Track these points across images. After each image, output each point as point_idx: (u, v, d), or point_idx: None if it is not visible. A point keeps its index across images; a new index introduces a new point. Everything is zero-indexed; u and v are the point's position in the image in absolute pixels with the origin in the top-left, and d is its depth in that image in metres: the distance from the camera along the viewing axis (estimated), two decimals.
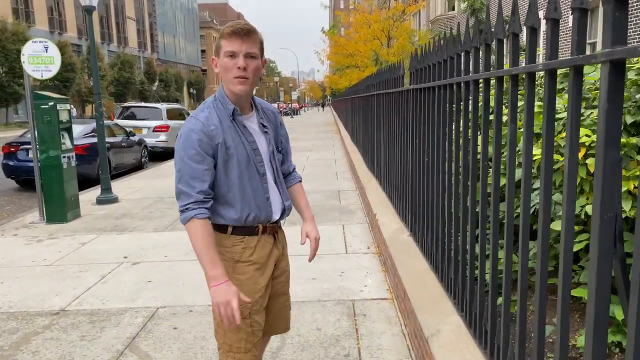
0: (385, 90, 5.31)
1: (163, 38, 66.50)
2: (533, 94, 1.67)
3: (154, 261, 4.91)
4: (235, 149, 1.83)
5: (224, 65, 1.79)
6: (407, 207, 4.03)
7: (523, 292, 1.67)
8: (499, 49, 1.77)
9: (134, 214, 7.06)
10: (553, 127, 1.48)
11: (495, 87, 1.98)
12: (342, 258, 4.77)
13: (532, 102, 1.68)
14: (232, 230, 1.91)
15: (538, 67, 1.43)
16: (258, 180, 1.90)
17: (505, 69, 1.74)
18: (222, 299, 1.74)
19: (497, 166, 1.85)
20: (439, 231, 2.94)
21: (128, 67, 44.57)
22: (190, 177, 1.78)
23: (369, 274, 4.34)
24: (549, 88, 1.49)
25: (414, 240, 3.67)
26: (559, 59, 1.32)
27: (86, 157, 9.84)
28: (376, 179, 6.50)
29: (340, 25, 32.73)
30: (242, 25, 1.76)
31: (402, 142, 4.22)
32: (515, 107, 1.66)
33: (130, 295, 4.05)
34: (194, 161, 1.78)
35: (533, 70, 1.50)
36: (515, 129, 1.73)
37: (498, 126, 1.98)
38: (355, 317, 3.49)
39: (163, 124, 14.64)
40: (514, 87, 1.76)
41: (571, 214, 1.37)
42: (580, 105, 1.27)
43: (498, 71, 1.78)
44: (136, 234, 5.97)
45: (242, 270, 1.92)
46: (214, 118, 1.82)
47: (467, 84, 2.29)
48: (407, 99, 4.00)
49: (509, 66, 1.66)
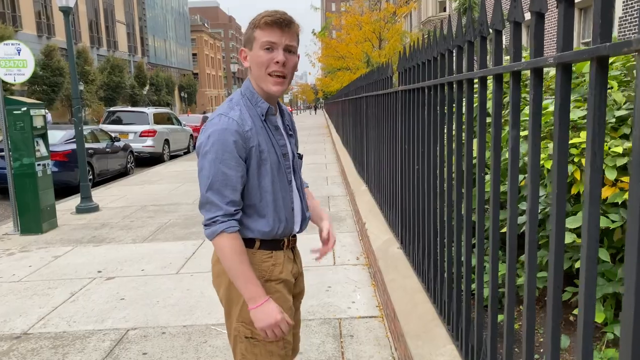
0: (374, 92, 5.04)
1: (154, 42, 66.01)
2: (540, 93, 1.41)
3: (129, 276, 4.60)
4: (269, 153, 1.62)
5: (257, 59, 1.56)
6: (397, 217, 3.76)
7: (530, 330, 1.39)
8: (497, 41, 1.50)
9: (113, 223, 6.75)
10: (567, 130, 1.22)
11: (493, 86, 1.72)
12: (330, 270, 4.49)
13: (540, 103, 1.42)
14: (259, 244, 1.68)
15: (547, 61, 1.16)
16: (286, 188, 1.70)
17: (504, 65, 1.47)
18: (267, 322, 1.56)
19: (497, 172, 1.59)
20: (431, 246, 2.67)
21: (118, 71, 44.04)
22: (222, 185, 1.55)
23: (357, 288, 4.06)
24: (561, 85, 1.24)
25: (405, 253, 3.40)
26: (576, 50, 1.05)
27: (67, 163, 9.51)
28: (366, 185, 6.24)
29: (331, 27, 32.51)
30: (282, 14, 1.54)
31: (391, 147, 3.96)
32: (518, 109, 1.40)
33: (100, 315, 3.75)
34: (227, 166, 1.54)
35: (540, 66, 1.23)
36: (518, 134, 1.47)
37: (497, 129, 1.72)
38: (341, 339, 3.21)
39: (150, 129, 14.31)
40: (515, 86, 1.51)
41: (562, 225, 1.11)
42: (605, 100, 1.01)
43: (496, 68, 1.51)
44: (114, 245, 5.66)
45: (273, 290, 1.69)
46: (247, 117, 1.59)
47: (460, 83, 2.02)
48: (395, 101, 3.73)
49: (510, 61, 1.39)
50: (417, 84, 2.85)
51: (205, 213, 1.58)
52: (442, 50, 2.24)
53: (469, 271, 2.01)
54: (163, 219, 6.93)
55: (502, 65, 1.44)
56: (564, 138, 1.23)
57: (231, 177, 1.55)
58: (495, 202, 1.63)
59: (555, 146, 1.29)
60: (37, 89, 34.56)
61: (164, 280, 4.46)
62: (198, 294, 4.08)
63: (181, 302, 3.93)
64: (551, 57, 1.12)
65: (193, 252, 5.24)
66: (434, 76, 2.48)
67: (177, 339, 3.32)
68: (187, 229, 6.29)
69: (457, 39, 1.94)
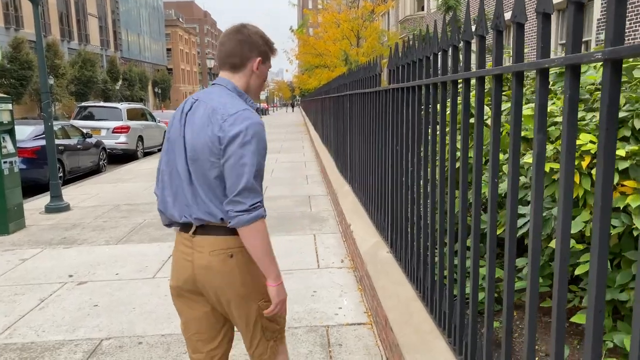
0: (359, 90, 4.90)
1: (127, 36, 64.65)
2: (546, 94, 1.29)
3: (103, 280, 4.37)
4: None
5: (263, 75, 1.85)
6: (386, 220, 3.63)
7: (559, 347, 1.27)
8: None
9: (85, 224, 6.46)
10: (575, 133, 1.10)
11: (492, 85, 1.59)
12: (314, 274, 4.34)
13: (545, 103, 1.30)
14: None
15: (553, 62, 1.03)
16: None
17: (529, 62, 1.34)
18: (283, 296, 1.80)
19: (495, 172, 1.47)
20: (427, 252, 2.54)
21: (90, 66, 42.93)
22: (260, 175, 1.70)
23: (344, 293, 3.92)
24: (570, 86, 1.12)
25: (395, 258, 3.26)
26: (587, 52, 0.92)
27: (36, 160, 9.13)
28: (349, 185, 6.10)
29: (308, 24, 32.31)
30: None
31: (380, 148, 3.82)
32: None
33: (72, 323, 3.51)
34: (263, 158, 1.71)
35: (544, 66, 1.11)
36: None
37: (496, 130, 1.60)
38: (330, 348, 3.06)
39: (123, 125, 13.91)
40: (518, 86, 1.39)
41: None
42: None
43: (518, 65, 1.38)
44: (86, 247, 5.40)
45: None
46: None
47: (467, 81, 1.89)
48: (385, 100, 3.60)
49: (537, 57, 1.26)
50: (411, 82, 2.72)
51: (249, 199, 1.65)
52: (445, 47, 2.10)
53: (476, 280, 1.88)
54: (138, 219, 6.66)
55: (526, 62, 1.30)
56: None
57: (263, 168, 1.71)
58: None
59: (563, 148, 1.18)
60: (5, 82, 33.41)
61: (140, 285, 4.24)
62: None
63: (159, 308, 3.73)
64: (599, 53, 0.99)
65: (169, 255, 5.02)
66: (433, 74, 2.34)
67: (155, 349, 3.12)
68: (163, 229, 6.05)
69: (465, 33, 1.80)
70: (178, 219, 1.78)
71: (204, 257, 1.75)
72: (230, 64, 1.80)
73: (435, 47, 2.24)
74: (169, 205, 1.80)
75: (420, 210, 2.73)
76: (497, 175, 1.60)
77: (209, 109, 1.71)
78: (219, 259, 1.74)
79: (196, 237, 1.76)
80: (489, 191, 1.69)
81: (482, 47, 1.65)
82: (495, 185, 1.66)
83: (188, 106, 1.79)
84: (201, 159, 1.69)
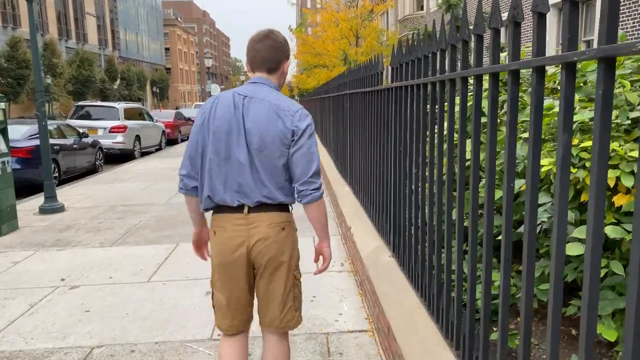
0: (360, 89, 4.78)
1: (125, 35, 64.42)
2: (573, 91, 1.17)
3: (96, 284, 4.24)
4: None
5: (286, 73, 2.16)
6: (387, 222, 3.51)
7: None
8: (514, 34, 1.24)
9: (80, 225, 6.33)
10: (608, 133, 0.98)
11: (509, 82, 1.48)
12: (313, 279, 4.21)
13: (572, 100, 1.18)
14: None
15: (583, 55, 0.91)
16: None
17: (551, 55, 1.22)
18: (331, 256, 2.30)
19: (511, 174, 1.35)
20: (432, 258, 2.42)
21: (87, 65, 42.70)
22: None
23: (344, 297, 3.80)
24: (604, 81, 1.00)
25: (398, 263, 3.14)
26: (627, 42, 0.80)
27: (31, 160, 8.99)
28: (349, 186, 5.97)
29: (307, 24, 32.18)
30: None
31: (381, 148, 3.70)
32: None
33: (62, 330, 3.39)
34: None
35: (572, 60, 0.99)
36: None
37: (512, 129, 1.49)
38: (330, 357, 2.94)
39: (120, 124, 13.77)
40: (539, 82, 1.27)
41: None
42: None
43: (540, 59, 1.26)
44: (79, 249, 5.27)
45: None
46: None
47: (479, 78, 1.77)
48: (387, 99, 3.48)
49: (563, 50, 1.14)
50: (416, 80, 2.60)
51: (318, 180, 2.05)
52: (454, 42, 1.98)
53: (489, 287, 1.76)
54: (133, 220, 6.54)
55: (550, 56, 1.18)
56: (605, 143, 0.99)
57: None
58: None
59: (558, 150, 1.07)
60: (2, 81, 33.20)
61: (134, 289, 4.11)
62: (171, 305, 3.75)
63: (153, 314, 3.60)
64: (590, 50, 0.87)
65: (166, 257, 4.89)
66: (440, 71, 2.22)
67: (148, 358, 3.00)
68: (159, 231, 5.92)
69: (476, 27, 1.68)
70: (231, 203, 2.00)
71: (262, 230, 2.01)
72: (267, 67, 2.07)
73: (442, 42, 2.12)
74: (219, 192, 2.01)
75: (425, 214, 2.61)
76: (513, 178, 1.48)
77: (272, 105, 1.98)
78: (275, 231, 2.04)
79: (251, 215, 2.01)
80: (505, 191, 1.58)
81: (496, 41, 1.53)
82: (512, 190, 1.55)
83: (239, 101, 2.00)
84: (270, 149, 1.96)
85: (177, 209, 7.10)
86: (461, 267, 2.08)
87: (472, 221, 1.90)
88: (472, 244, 1.91)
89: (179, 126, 20.61)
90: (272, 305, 2.11)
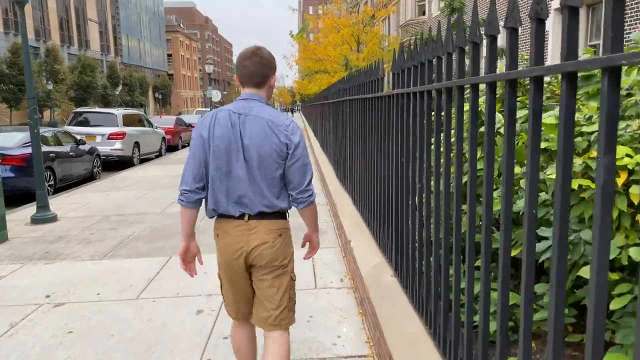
0: (360, 95, 4.57)
1: (127, 41, 64.51)
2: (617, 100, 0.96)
3: (82, 301, 4.02)
4: None
5: (273, 87, 2.31)
6: (389, 238, 3.29)
7: None
8: (537, 33, 1.03)
9: (71, 236, 6.12)
10: None
11: (531, 90, 1.26)
12: (311, 295, 3.99)
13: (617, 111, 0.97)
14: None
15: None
16: None
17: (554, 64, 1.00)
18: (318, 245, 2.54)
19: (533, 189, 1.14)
20: (440, 282, 2.20)
21: (89, 71, 42.66)
22: None
23: (343, 318, 3.57)
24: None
25: (400, 284, 2.92)
26: None
27: (26, 169, 8.79)
28: (349, 196, 5.76)
29: (309, 30, 32.06)
30: None
31: (382, 159, 3.48)
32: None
33: (41, 354, 3.17)
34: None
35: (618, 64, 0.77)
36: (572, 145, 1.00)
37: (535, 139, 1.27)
38: None
39: (119, 131, 13.59)
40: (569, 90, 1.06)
41: None
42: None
43: (569, 63, 1.04)
44: (68, 263, 5.06)
45: None
46: None
47: (492, 86, 1.55)
48: (389, 107, 3.26)
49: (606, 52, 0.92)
50: (420, 87, 2.39)
51: (310, 188, 2.23)
52: (462, 44, 1.77)
53: (505, 321, 1.54)
54: (127, 231, 6.32)
55: (587, 59, 0.97)
56: None
57: None
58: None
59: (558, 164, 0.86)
60: (4, 87, 33.16)
61: (122, 307, 3.89)
62: (159, 325, 3.53)
63: (140, 336, 3.38)
64: None
65: (157, 272, 4.68)
66: (446, 77, 2.01)
67: None
68: (153, 243, 5.71)
69: (489, 26, 1.47)
70: (234, 213, 2.17)
71: (259, 236, 2.17)
72: (255, 82, 2.21)
73: (449, 45, 1.90)
74: (222, 204, 2.18)
75: (430, 231, 2.39)
76: (536, 193, 1.26)
77: (266, 122, 2.13)
78: (272, 237, 2.19)
79: (251, 222, 2.18)
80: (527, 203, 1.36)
81: (514, 43, 1.32)
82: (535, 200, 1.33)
83: (236, 120, 2.14)
84: (267, 162, 2.13)
85: (172, 219, 6.89)
86: (471, 291, 1.86)
87: (485, 245, 1.68)
88: (485, 270, 1.69)
89: (179, 132, 20.42)
90: (267, 305, 2.24)
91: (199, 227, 6.27)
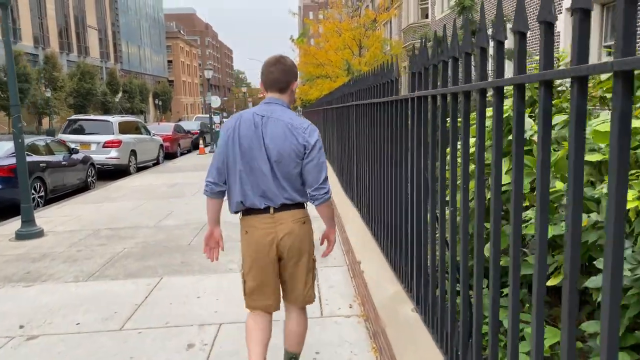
0: (368, 100, 4.13)
1: (127, 48, 64.25)
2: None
3: (59, 333, 3.58)
4: None
5: (295, 92, 2.57)
6: (407, 263, 2.84)
7: None
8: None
9: (56, 254, 5.68)
10: None
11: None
12: (317, 325, 3.53)
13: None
14: None
15: None
16: None
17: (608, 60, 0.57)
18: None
19: None
20: (480, 324, 1.75)
21: (89, 78, 42.32)
22: None
23: (354, 354, 3.10)
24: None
25: (424, 322, 2.47)
26: None
27: (14, 179, 8.30)
28: (356, 209, 5.31)
29: (309, 34, 31.72)
30: None
31: (398, 171, 3.04)
32: None
33: None
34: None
35: None
36: None
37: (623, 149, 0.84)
38: None
39: (114, 139, 13.18)
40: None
41: None
42: None
43: None
44: (49, 285, 4.61)
45: None
46: None
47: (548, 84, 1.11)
48: (404, 112, 2.83)
49: None
50: (451, 88, 1.95)
51: (326, 186, 2.42)
52: (501, 38, 1.33)
53: None
54: (117, 247, 5.88)
55: None
56: None
57: None
58: None
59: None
60: (1, 95, 32.78)
61: (103, 340, 3.45)
62: None
63: None
64: None
65: (146, 296, 4.23)
66: (481, 76, 1.57)
67: None
68: (144, 261, 5.26)
69: (543, 11, 1.03)
70: (259, 205, 2.37)
71: (287, 226, 2.39)
72: (278, 88, 2.44)
73: (500, 32, 1.46)
74: (249, 197, 2.38)
75: (458, 260, 1.95)
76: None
77: (287, 124, 2.35)
78: (298, 225, 2.43)
79: (277, 214, 2.39)
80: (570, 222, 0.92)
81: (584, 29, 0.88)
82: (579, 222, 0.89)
83: (259, 121, 2.36)
84: (286, 161, 2.33)
85: (167, 232, 6.45)
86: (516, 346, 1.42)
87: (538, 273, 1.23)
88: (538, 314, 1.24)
89: (178, 139, 20.00)
90: (298, 286, 2.51)
91: (192, 245, 5.85)
